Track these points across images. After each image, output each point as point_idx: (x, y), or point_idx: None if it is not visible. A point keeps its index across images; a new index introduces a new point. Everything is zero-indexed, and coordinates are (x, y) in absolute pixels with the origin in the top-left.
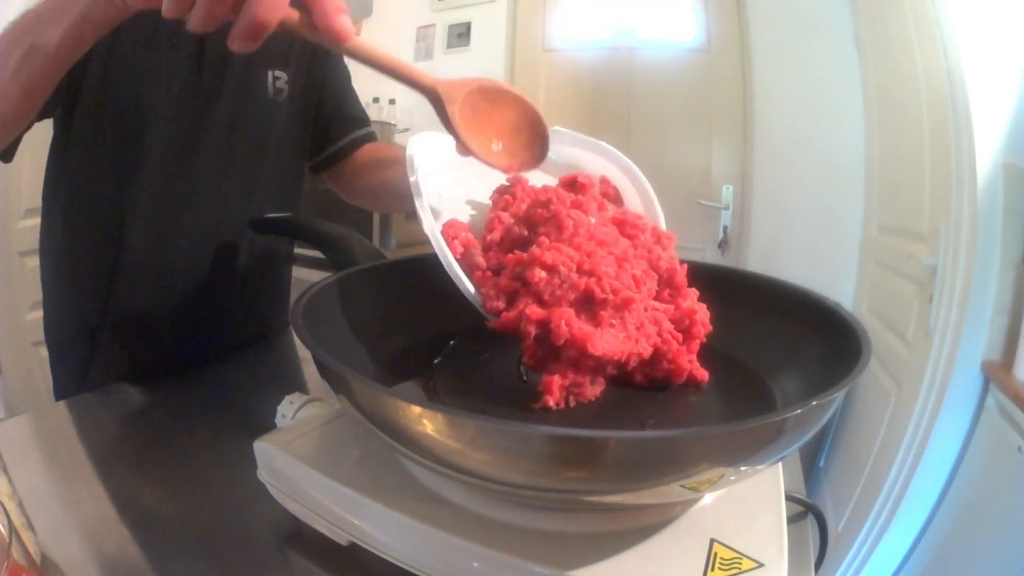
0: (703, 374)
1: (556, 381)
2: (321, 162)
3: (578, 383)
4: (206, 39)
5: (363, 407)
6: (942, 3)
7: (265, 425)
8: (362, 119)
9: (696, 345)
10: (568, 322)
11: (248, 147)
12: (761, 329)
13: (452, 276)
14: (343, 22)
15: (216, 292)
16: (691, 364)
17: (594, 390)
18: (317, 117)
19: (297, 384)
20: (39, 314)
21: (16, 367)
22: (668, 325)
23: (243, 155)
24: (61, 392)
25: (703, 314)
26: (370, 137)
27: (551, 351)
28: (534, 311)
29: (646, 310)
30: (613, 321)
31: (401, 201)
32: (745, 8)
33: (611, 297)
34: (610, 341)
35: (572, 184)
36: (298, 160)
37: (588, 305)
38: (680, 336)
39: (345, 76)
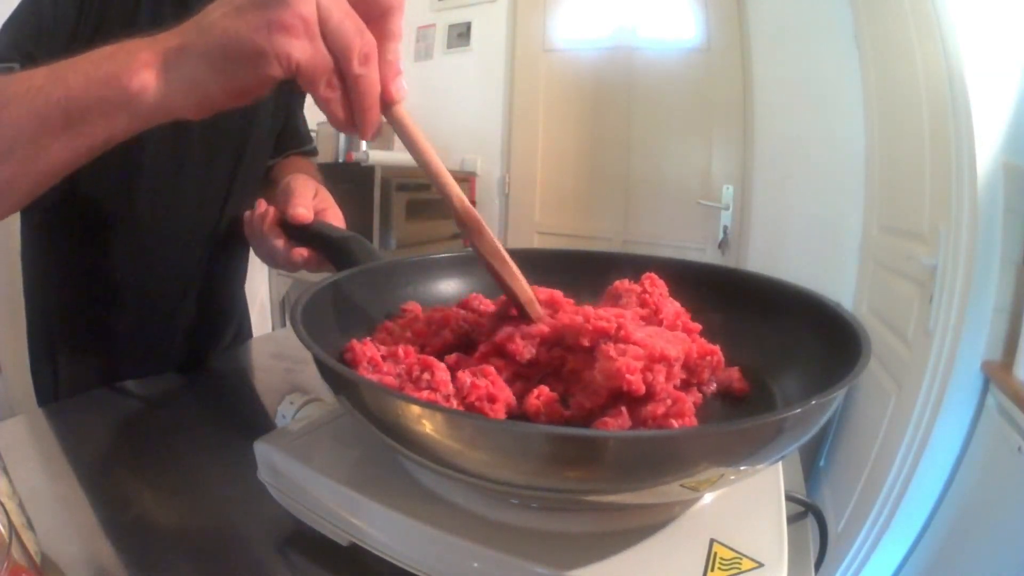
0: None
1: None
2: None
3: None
4: None
5: (363, 408)
6: (942, 3)
7: (265, 425)
8: (304, 138)
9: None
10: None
11: (229, 148)
12: (761, 329)
13: None
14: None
15: (194, 295)
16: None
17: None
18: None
19: (297, 384)
20: None
21: (16, 367)
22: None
23: (225, 158)
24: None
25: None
26: (311, 153)
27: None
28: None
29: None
30: (640, 335)
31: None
32: (745, 8)
33: (622, 322)
34: (660, 341)
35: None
36: (265, 162)
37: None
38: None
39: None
